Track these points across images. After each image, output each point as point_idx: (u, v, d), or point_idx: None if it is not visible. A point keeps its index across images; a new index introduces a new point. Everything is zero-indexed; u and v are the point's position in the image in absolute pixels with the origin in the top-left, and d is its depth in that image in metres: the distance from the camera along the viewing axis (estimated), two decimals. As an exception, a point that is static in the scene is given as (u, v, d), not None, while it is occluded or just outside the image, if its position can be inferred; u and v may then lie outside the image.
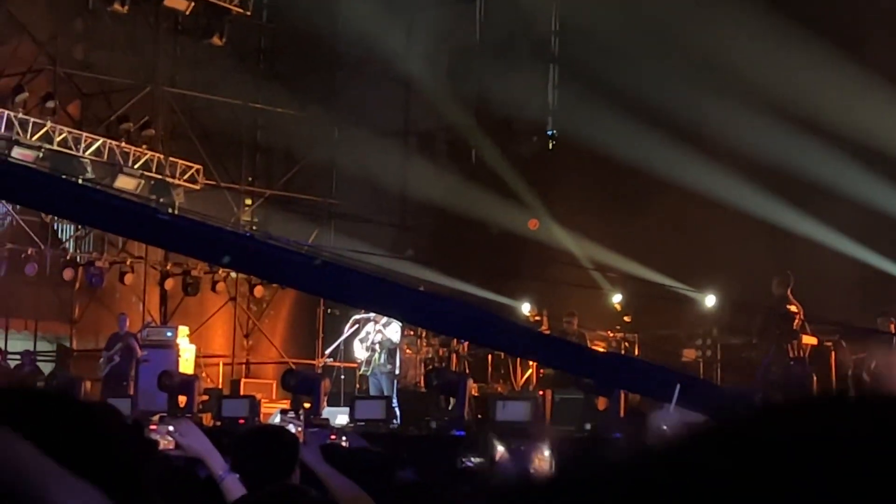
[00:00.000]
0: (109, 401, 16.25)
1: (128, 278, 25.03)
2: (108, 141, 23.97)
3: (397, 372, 20.09)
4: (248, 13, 26.28)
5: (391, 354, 19.91)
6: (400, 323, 19.37)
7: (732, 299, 20.54)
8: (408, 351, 21.18)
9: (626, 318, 22.42)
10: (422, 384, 20.30)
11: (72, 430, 1.12)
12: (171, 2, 24.70)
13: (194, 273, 25.49)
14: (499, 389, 20.86)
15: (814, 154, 20.90)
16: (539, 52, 28.11)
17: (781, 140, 21.15)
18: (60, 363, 25.04)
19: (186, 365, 22.60)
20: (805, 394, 0.90)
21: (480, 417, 17.35)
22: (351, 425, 16.55)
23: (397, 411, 18.36)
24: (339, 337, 20.74)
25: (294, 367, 22.22)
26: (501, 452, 10.70)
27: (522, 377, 21.52)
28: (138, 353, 22.06)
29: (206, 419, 17.45)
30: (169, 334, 23.23)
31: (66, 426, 1.12)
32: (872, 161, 20.74)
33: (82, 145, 23.54)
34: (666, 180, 22.03)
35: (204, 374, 23.72)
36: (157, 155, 24.67)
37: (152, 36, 25.89)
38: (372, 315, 19.31)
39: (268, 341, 27.69)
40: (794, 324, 18.19)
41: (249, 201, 27.69)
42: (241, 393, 21.73)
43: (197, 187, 25.13)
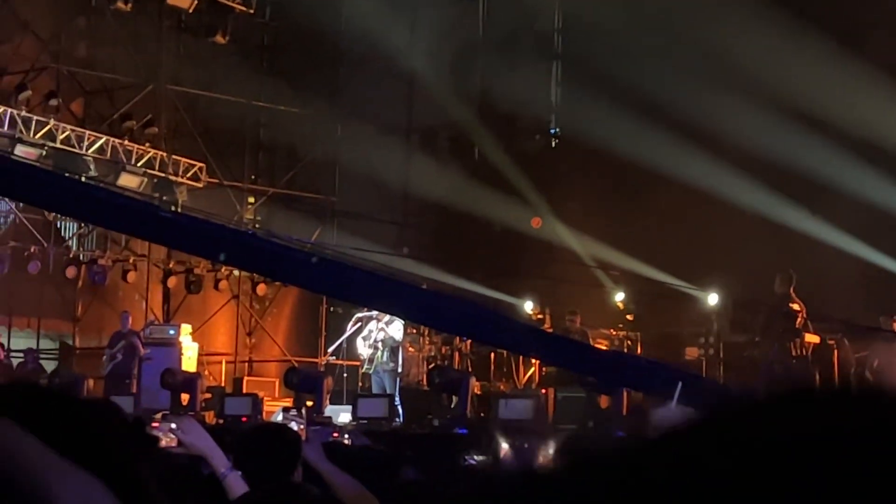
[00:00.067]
0: (112, 398, 16.27)
1: (131, 276, 25.04)
2: (111, 139, 23.97)
3: (400, 370, 20.10)
4: (251, 11, 26.28)
5: (394, 352, 19.92)
6: (402, 321, 19.37)
7: (735, 297, 20.53)
8: (410, 349, 21.18)
9: (629, 317, 22.42)
10: (424, 382, 20.28)
11: (70, 426, 1.11)
12: (175, -1, 24.75)
13: (197, 271, 25.50)
14: (501, 388, 20.86)
15: (818, 152, 20.88)
16: (542, 49, 28.10)
17: (785, 137, 21.14)
18: (63, 361, 25.05)
19: (189, 363, 22.61)
20: (795, 388, 0.90)
21: (483, 415, 17.35)
22: (353, 423, 16.55)
23: (400, 409, 18.38)
24: (342, 335, 20.77)
25: (297, 365, 22.23)
26: (506, 450, 10.70)
27: (525, 375, 21.53)
28: (141, 352, 22.07)
29: (209, 417, 17.46)
30: (172, 332, 23.24)
31: (65, 421, 1.11)
32: (876, 159, 20.73)
33: (85, 143, 23.54)
34: (669, 178, 22.02)
35: (206, 372, 23.74)
36: (160, 153, 24.68)
37: (155, 34, 25.88)
38: (374, 313, 19.32)
39: (270, 339, 27.69)
40: (797, 322, 18.18)
41: (252, 199, 27.69)
42: (244, 391, 21.72)
43: (200, 185, 25.13)
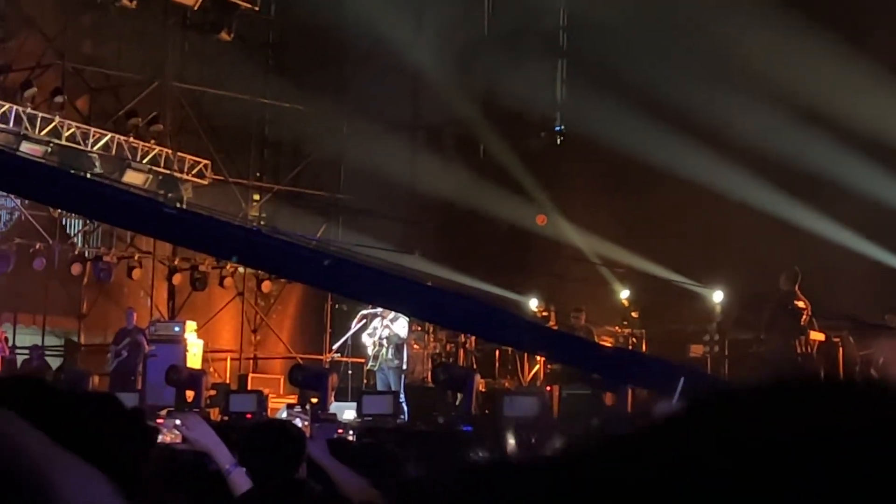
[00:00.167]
0: (117, 395, 16.31)
1: (136, 273, 25.06)
2: (117, 136, 23.99)
3: (405, 367, 20.10)
4: (256, 8, 26.30)
5: (399, 349, 19.92)
6: (407, 318, 19.38)
7: (740, 294, 20.53)
8: (415, 346, 21.19)
9: (634, 314, 22.40)
10: (429, 379, 20.31)
11: (68, 418, 1.11)
12: (179, -3, 24.79)
13: (202, 268, 25.52)
14: (506, 385, 20.87)
15: (823, 149, 20.86)
16: (547, 47, 28.08)
17: (790, 135, 21.11)
18: (69, 358, 25.08)
19: (194, 360, 22.63)
20: (778, 379, 0.90)
21: (488, 413, 17.36)
22: (358, 420, 16.58)
23: (404, 406, 18.39)
24: (347, 332, 20.77)
25: (301, 363, 22.26)
26: (512, 447, 10.71)
27: (530, 372, 21.52)
28: (146, 349, 22.09)
29: (214, 414, 17.49)
30: (177, 329, 23.25)
31: (62, 413, 1.11)
32: (882, 157, 20.71)
33: (90, 140, 23.56)
34: (674, 175, 22.00)
35: (211, 369, 23.76)
36: (166, 150, 24.69)
37: (160, 31, 25.89)
38: (379, 310, 19.32)
39: (275, 336, 27.70)
40: (802, 319, 18.18)
41: (257, 196, 27.70)
42: (249, 388, 21.75)
43: (205, 182, 25.14)
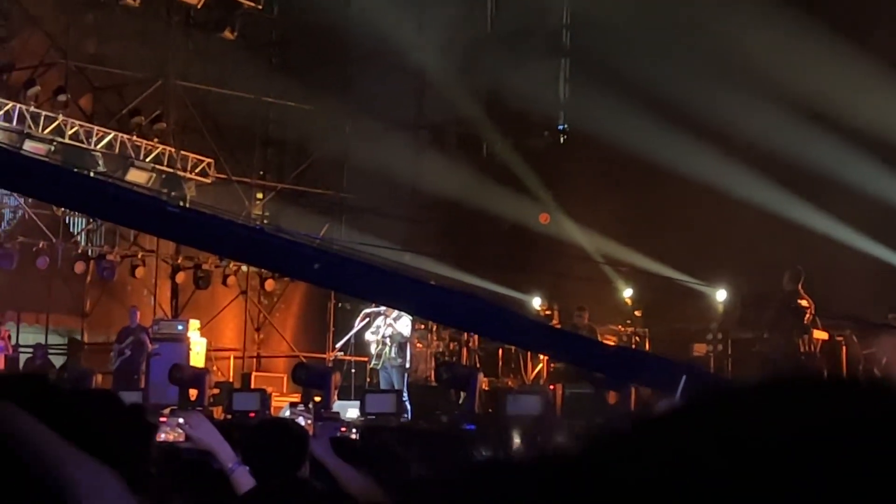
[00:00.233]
0: (121, 394, 16.31)
1: (139, 272, 25.07)
2: (120, 134, 23.99)
3: (408, 366, 20.12)
4: (260, 6, 26.28)
5: (402, 348, 19.94)
6: (410, 317, 19.39)
7: (743, 294, 20.52)
8: (418, 345, 21.20)
9: (637, 313, 22.41)
10: (432, 378, 20.33)
11: (69, 414, 1.10)
12: (183, -5, 24.79)
13: (205, 267, 25.52)
14: (509, 383, 20.88)
15: (827, 148, 20.85)
16: (551, 46, 28.08)
17: (794, 133, 21.10)
18: (72, 356, 25.06)
19: (197, 358, 22.64)
20: (775, 377, 0.90)
21: (491, 411, 17.37)
22: (361, 419, 16.58)
23: (408, 405, 18.40)
24: (350, 331, 20.77)
25: (305, 361, 22.28)
26: (515, 445, 10.71)
27: (533, 371, 21.53)
28: (149, 347, 22.10)
29: (217, 412, 17.49)
30: (180, 328, 23.26)
31: (63, 410, 1.10)
32: (886, 155, 20.69)
33: (94, 139, 23.57)
34: (677, 174, 21.99)
35: (215, 368, 23.77)
36: (169, 148, 24.69)
37: (164, 29, 25.89)
38: (382, 309, 19.32)
39: (279, 335, 27.70)
40: (805, 318, 18.18)
41: (261, 195, 27.70)
42: (252, 386, 21.76)
43: (208, 181, 25.15)
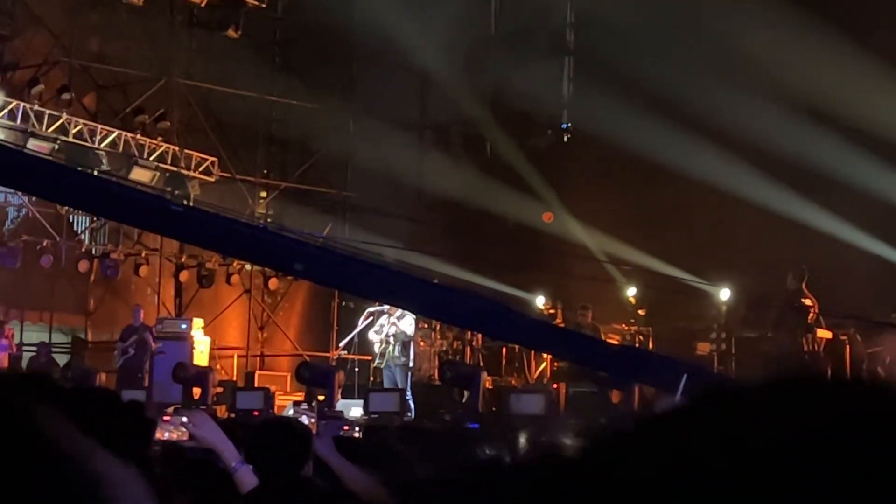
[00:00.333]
0: (124, 392, 16.32)
1: (143, 270, 25.08)
2: (124, 133, 24.00)
3: (411, 364, 20.12)
4: (264, 5, 26.29)
5: (405, 347, 19.95)
6: (414, 315, 19.39)
7: (747, 293, 20.51)
8: (422, 343, 21.19)
9: (641, 312, 22.39)
10: (436, 377, 20.30)
11: (70, 412, 1.09)
12: (187, -6, 24.82)
13: (209, 265, 25.53)
14: (513, 382, 20.87)
15: (830, 147, 20.85)
16: (554, 45, 28.08)
17: (797, 133, 21.09)
18: (76, 355, 25.09)
19: (201, 357, 22.65)
20: (779, 377, 0.91)
21: (494, 410, 17.36)
22: (365, 418, 16.58)
23: (411, 404, 18.41)
24: (354, 329, 20.78)
25: (308, 360, 22.28)
26: (521, 444, 10.71)
27: (537, 370, 21.52)
28: (152, 346, 22.11)
29: (221, 411, 17.49)
30: (184, 326, 23.27)
31: (64, 408, 1.09)
32: (889, 154, 20.68)
33: (97, 137, 23.58)
34: (681, 173, 21.99)
35: (218, 367, 23.76)
36: (173, 147, 24.70)
37: (168, 28, 25.90)
38: (386, 307, 19.34)
39: (282, 333, 27.72)
40: (809, 317, 18.16)
41: (264, 193, 27.71)
42: (256, 385, 21.76)
43: (212, 179, 25.15)
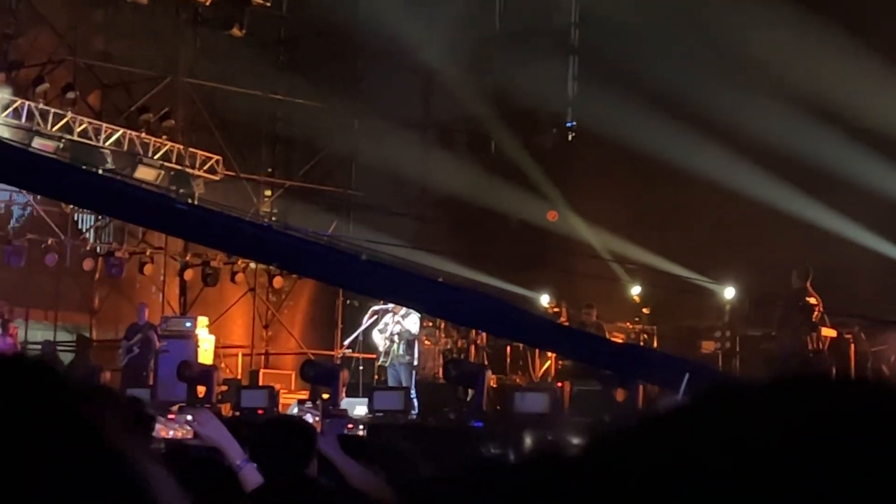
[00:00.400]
0: (129, 391, 16.34)
1: (147, 269, 25.09)
2: (128, 132, 24.01)
3: (416, 363, 20.12)
4: (268, 4, 26.29)
5: (410, 345, 19.95)
6: (419, 314, 19.39)
7: (752, 291, 20.50)
8: (426, 342, 21.20)
9: (645, 310, 22.39)
10: (440, 375, 20.32)
11: (60, 405, 1.08)
12: (192, -8, 24.82)
13: (214, 264, 25.53)
14: (517, 381, 20.87)
15: (835, 145, 20.84)
16: (559, 44, 28.09)
17: (802, 131, 21.08)
18: (80, 353, 25.11)
19: (205, 355, 22.66)
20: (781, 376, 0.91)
21: (499, 409, 17.37)
22: (369, 416, 16.59)
23: (416, 402, 18.42)
24: (358, 328, 20.79)
25: (313, 358, 22.29)
26: (525, 443, 10.72)
27: (541, 369, 21.52)
28: (157, 345, 22.11)
29: (225, 409, 17.51)
30: (188, 325, 23.28)
31: (62, 399, 1.08)
32: (894, 152, 20.67)
33: (102, 136, 23.59)
34: (685, 171, 21.99)
35: (223, 365, 23.78)
36: (177, 145, 24.71)
37: (172, 27, 25.91)
38: (391, 306, 19.33)
39: (287, 332, 27.72)
40: (814, 316, 18.15)
41: (269, 192, 27.71)
42: (260, 383, 21.76)
43: (217, 178, 25.16)
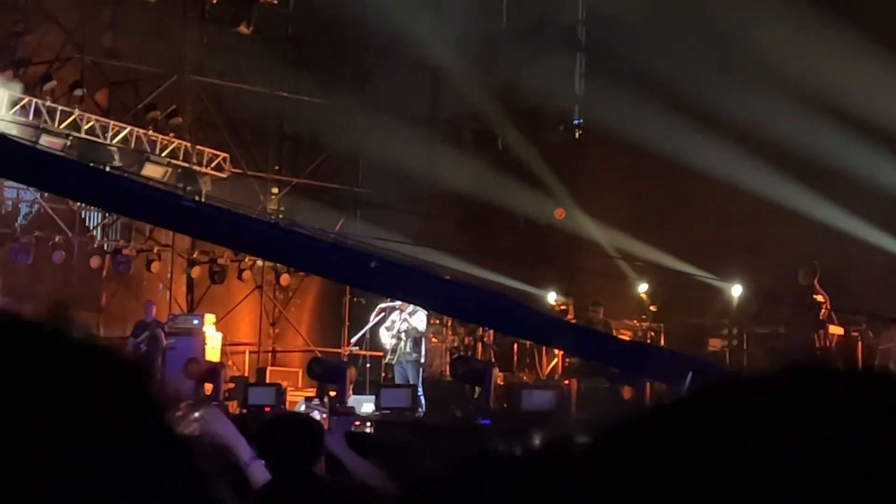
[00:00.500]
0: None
1: (155, 266, 25.10)
2: (136, 129, 24.03)
3: (423, 360, 20.12)
4: (276, 1, 26.30)
5: (417, 343, 19.95)
6: (426, 311, 19.40)
7: (759, 289, 20.50)
8: (433, 339, 21.20)
9: (652, 308, 22.39)
10: (447, 373, 20.32)
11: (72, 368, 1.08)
12: (199, -10, 24.83)
13: (221, 261, 25.54)
14: (524, 378, 20.87)
15: (842, 143, 20.82)
16: (566, 41, 28.07)
17: (810, 128, 21.07)
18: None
19: (213, 353, 22.67)
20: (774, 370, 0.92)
21: (506, 406, 17.37)
22: (376, 414, 16.60)
23: (423, 400, 18.41)
24: (365, 325, 20.80)
25: (320, 356, 22.28)
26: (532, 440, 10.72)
27: (548, 366, 21.53)
28: (164, 342, 22.12)
29: (233, 407, 17.53)
30: (195, 322, 23.29)
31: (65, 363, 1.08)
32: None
33: (110, 133, 23.61)
34: (693, 169, 21.98)
35: (230, 362, 23.80)
36: (184, 143, 24.72)
37: (180, 24, 25.91)
38: (398, 303, 19.34)
39: (294, 329, 27.73)
40: (821, 313, 18.15)
41: (276, 189, 27.73)
42: (267, 381, 21.79)
43: (224, 175, 25.17)
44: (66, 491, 0.98)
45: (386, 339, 20.11)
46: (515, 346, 21.75)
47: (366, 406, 17.68)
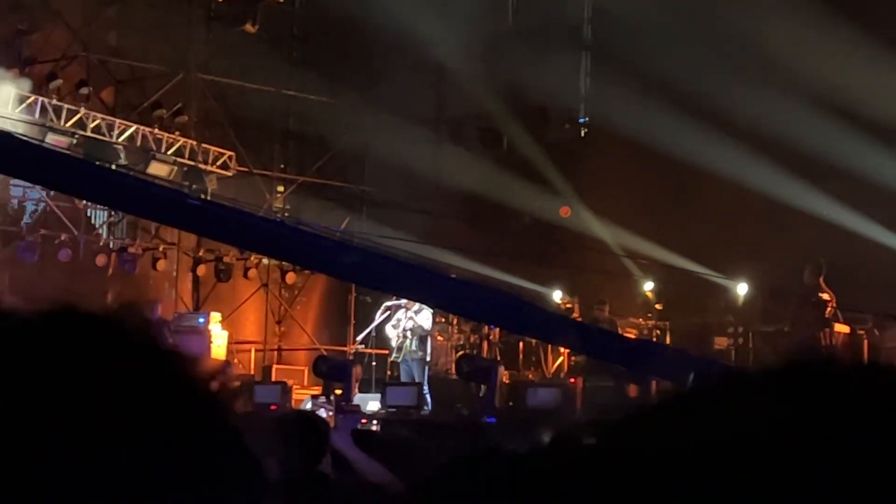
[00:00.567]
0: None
1: (160, 264, 25.11)
2: (142, 127, 24.03)
3: (428, 359, 20.12)
4: (281, 0, 26.31)
5: (422, 341, 19.95)
6: (431, 310, 19.40)
7: (765, 287, 20.49)
8: (439, 338, 21.21)
9: (658, 306, 22.39)
10: (453, 371, 20.33)
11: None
12: (205, -12, 24.83)
13: (226, 259, 25.54)
14: (530, 376, 20.89)
15: (848, 141, 20.81)
16: (572, 39, 28.07)
17: (815, 126, 21.05)
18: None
19: (218, 351, 22.68)
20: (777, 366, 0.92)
21: (511, 404, 17.38)
22: (382, 412, 16.61)
23: (428, 398, 18.42)
24: (371, 323, 20.80)
25: (325, 354, 22.30)
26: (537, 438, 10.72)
27: (554, 364, 21.53)
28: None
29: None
30: (201, 320, 23.31)
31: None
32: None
33: (115, 132, 23.62)
34: (698, 167, 21.97)
35: (236, 361, 23.82)
36: (190, 141, 24.73)
37: (185, 23, 25.91)
38: (403, 301, 19.34)
39: (299, 327, 27.74)
40: (827, 312, 18.15)
41: (282, 188, 27.73)
42: (273, 379, 21.79)
43: (229, 174, 25.17)
44: (134, 482, 1.02)
45: (392, 338, 20.12)
46: (521, 345, 21.76)
47: (371, 404, 17.69)
